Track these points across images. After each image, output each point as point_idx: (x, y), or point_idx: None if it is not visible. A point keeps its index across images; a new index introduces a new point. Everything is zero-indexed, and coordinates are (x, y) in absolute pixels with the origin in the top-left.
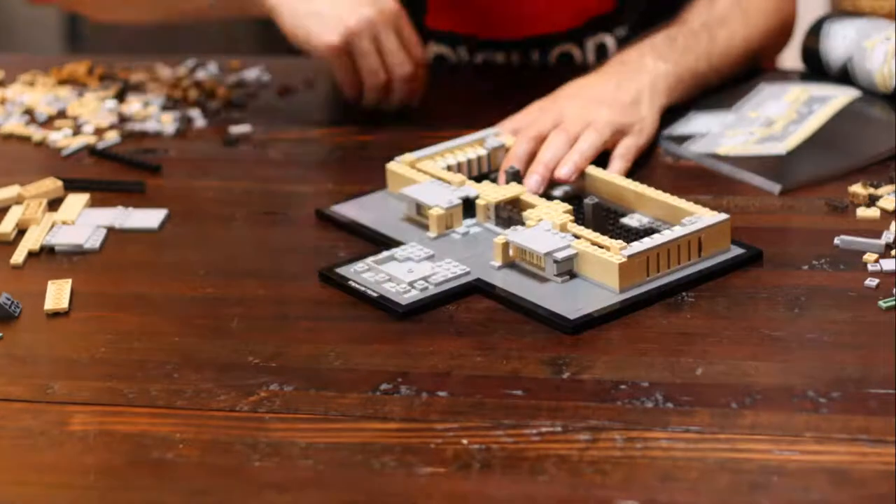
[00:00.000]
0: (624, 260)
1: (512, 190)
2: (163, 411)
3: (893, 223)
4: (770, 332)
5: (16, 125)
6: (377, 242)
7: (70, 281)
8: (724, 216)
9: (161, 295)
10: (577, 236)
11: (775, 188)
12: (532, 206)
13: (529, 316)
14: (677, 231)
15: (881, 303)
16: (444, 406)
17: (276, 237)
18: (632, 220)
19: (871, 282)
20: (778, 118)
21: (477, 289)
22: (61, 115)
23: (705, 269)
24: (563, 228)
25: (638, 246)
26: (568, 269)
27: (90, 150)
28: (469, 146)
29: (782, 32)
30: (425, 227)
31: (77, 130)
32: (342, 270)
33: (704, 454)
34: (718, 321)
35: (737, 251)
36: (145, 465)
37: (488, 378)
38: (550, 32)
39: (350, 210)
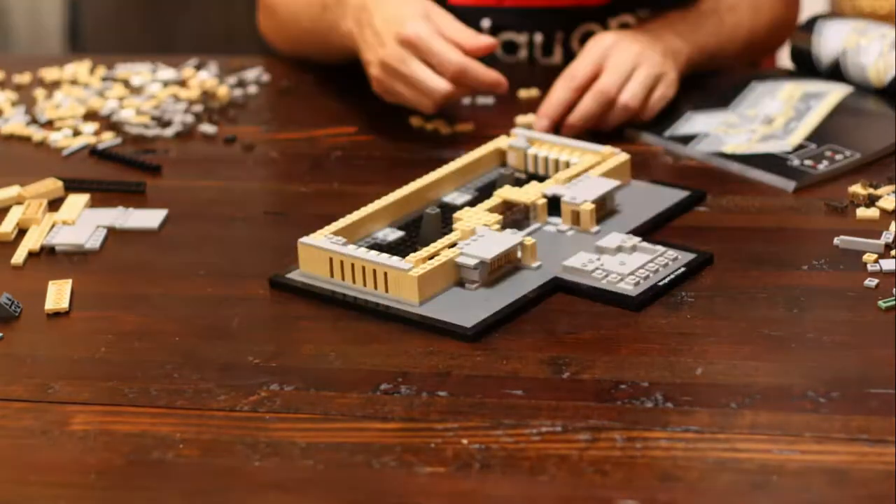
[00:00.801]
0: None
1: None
2: (163, 411)
3: (893, 223)
4: (770, 332)
5: (16, 125)
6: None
7: (70, 281)
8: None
9: (161, 295)
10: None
11: (789, 185)
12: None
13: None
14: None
15: (881, 303)
16: (444, 406)
17: (276, 237)
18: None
19: (871, 282)
20: (776, 115)
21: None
22: (62, 115)
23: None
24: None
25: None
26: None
27: (91, 151)
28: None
29: (785, 27)
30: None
31: (77, 131)
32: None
33: (704, 454)
34: (718, 321)
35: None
36: (145, 465)
37: (488, 378)
38: (578, 5)
39: None
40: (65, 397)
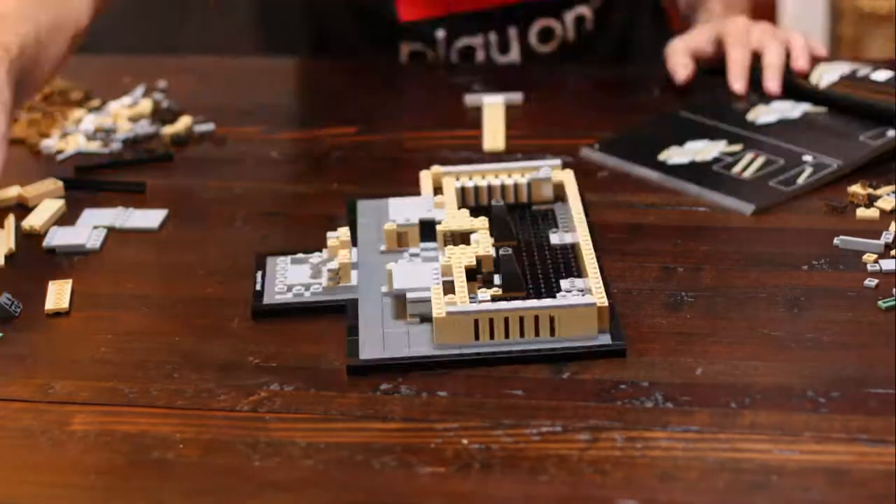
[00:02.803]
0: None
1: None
2: (163, 411)
3: (893, 223)
4: (770, 332)
5: (16, 128)
6: None
7: (70, 281)
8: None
9: (161, 295)
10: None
11: (748, 209)
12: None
13: None
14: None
15: (881, 303)
16: (444, 406)
17: (276, 237)
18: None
19: (871, 282)
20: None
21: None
22: (60, 116)
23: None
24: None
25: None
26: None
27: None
28: (516, 172)
29: None
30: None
31: (69, 133)
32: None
33: (704, 454)
34: (718, 321)
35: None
36: (145, 465)
37: (488, 378)
38: (530, 1)
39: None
40: (65, 397)
